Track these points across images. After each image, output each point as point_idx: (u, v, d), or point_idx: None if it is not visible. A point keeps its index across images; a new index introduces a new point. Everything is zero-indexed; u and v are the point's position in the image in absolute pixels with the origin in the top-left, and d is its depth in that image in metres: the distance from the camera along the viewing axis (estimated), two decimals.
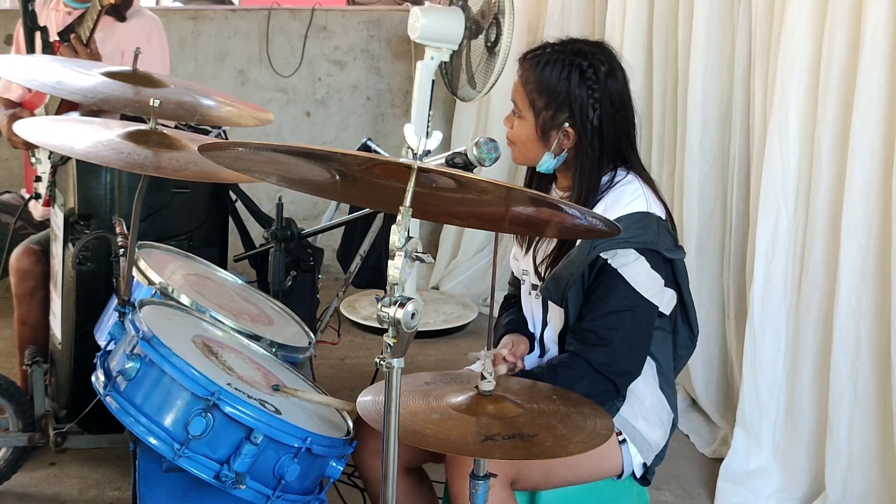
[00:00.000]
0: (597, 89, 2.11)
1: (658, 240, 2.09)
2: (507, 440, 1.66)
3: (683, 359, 2.29)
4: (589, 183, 2.14)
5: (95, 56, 3.10)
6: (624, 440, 2.13)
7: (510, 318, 2.34)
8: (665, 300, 2.17)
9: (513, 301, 2.39)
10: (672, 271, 2.17)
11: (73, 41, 3.10)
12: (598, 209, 2.11)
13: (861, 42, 2.65)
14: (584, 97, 2.11)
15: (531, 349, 2.26)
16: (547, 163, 2.18)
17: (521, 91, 2.17)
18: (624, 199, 2.11)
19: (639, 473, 2.17)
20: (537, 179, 2.27)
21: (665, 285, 2.14)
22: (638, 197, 2.11)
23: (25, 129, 2.12)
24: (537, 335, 2.26)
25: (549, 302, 2.19)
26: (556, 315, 2.19)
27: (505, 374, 2.08)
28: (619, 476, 2.17)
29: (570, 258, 2.10)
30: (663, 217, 2.14)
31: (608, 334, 2.06)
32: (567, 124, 2.12)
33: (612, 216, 2.06)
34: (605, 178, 2.16)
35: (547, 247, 2.20)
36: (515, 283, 2.38)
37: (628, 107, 2.17)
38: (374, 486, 2.20)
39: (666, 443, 2.22)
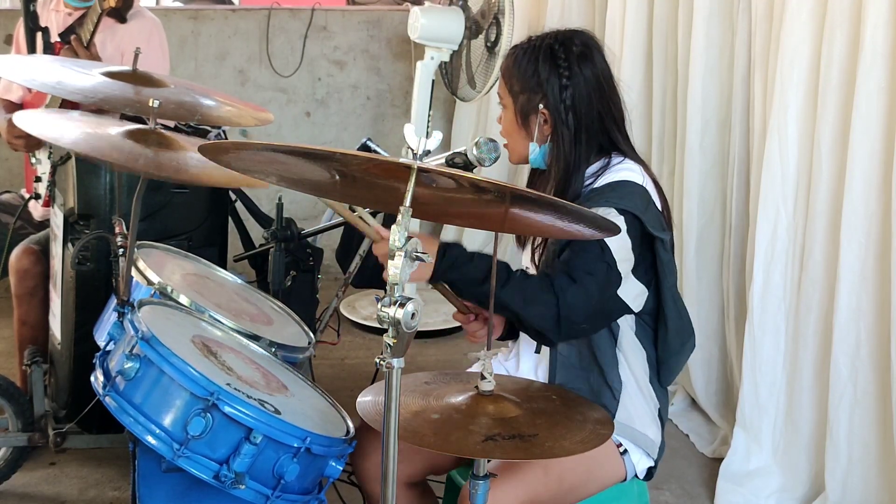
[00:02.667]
0: (566, 67, 2.12)
1: (645, 211, 2.05)
2: (507, 440, 1.66)
3: (670, 363, 2.18)
4: (567, 162, 2.12)
5: (95, 58, 3.09)
6: (625, 451, 2.11)
7: None
8: (632, 289, 2.06)
9: None
10: (652, 262, 2.09)
11: (74, 43, 3.09)
12: (590, 186, 2.09)
13: (861, 42, 2.65)
14: (555, 76, 2.12)
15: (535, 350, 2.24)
16: (534, 153, 2.17)
17: (501, 81, 2.21)
18: (619, 173, 2.09)
19: (642, 476, 2.16)
20: (537, 183, 2.25)
21: (637, 277, 2.06)
22: (634, 172, 2.10)
23: (24, 121, 2.12)
24: None
25: None
26: None
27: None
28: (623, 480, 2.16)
29: None
30: (655, 201, 2.10)
31: (580, 276, 1.99)
32: (541, 105, 2.13)
33: (603, 181, 2.07)
34: (597, 165, 2.13)
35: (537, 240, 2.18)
36: None
37: (608, 89, 2.16)
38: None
39: (662, 436, 2.20)
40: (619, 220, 2.00)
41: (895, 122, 2.62)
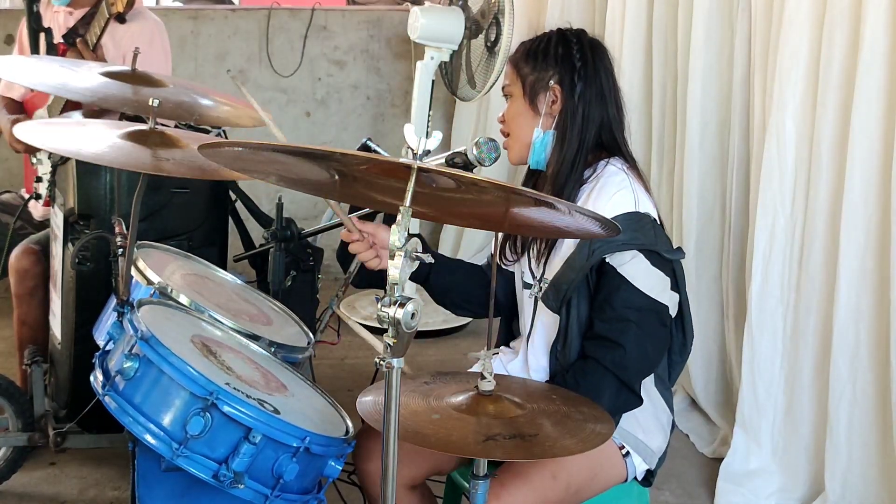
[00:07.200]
0: (578, 50, 2.15)
1: (656, 241, 2.05)
2: (507, 440, 1.66)
3: (678, 364, 2.22)
4: (571, 149, 2.11)
5: (102, 62, 3.09)
6: (627, 453, 2.12)
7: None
8: (672, 302, 2.10)
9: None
10: (673, 274, 2.11)
11: (80, 46, 3.09)
12: (581, 200, 2.08)
13: (860, 42, 2.65)
14: (568, 57, 2.14)
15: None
16: (537, 139, 2.13)
17: (509, 70, 2.21)
18: (608, 191, 2.06)
19: (640, 478, 2.17)
20: (534, 187, 2.23)
21: (670, 288, 2.08)
22: (623, 188, 2.06)
23: (26, 132, 2.12)
24: (525, 336, 2.22)
25: (538, 305, 2.15)
26: (549, 322, 2.14)
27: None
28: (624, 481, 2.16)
29: (569, 263, 2.05)
30: (653, 215, 2.09)
31: (619, 338, 2.01)
32: (552, 81, 2.13)
33: (597, 210, 2.02)
34: (588, 171, 2.12)
35: (539, 244, 2.16)
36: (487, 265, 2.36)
37: (614, 87, 2.17)
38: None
39: (667, 445, 2.21)
40: (640, 258, 2.03)
41: (894, 121, 2.62)
